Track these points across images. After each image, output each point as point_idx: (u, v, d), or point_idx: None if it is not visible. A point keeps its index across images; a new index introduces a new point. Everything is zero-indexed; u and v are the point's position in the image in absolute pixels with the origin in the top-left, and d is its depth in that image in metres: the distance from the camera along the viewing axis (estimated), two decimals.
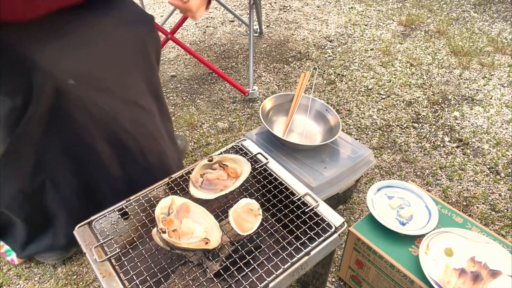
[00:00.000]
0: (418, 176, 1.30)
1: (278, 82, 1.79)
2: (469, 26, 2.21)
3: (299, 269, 0.68)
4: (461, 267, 0.75)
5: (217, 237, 0.71)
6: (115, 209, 0.77)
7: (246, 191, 0.83)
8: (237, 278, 0.65)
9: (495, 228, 1.13)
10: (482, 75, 1.80)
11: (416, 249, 0.81)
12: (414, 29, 2.20)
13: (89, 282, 1.01)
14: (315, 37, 2.15)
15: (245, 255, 0.70)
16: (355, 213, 1.18)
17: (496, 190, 1.25)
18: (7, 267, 1.05)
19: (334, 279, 1.01)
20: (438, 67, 1.87)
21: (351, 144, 1.13)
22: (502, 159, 1.36)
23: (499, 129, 1.50)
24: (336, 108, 1.62)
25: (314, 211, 0.75)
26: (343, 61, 1.93)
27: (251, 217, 0.74)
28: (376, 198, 0.91)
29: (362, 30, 2.21)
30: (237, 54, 2.03)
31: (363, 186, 1.27)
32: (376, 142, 1.44)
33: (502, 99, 1.65)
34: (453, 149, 1.41)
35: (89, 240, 0.71)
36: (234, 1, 2.62)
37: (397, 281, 0.81)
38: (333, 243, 0.72)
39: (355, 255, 0.89)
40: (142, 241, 0.76)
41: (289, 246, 0.70)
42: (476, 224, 0.86)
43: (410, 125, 1.52)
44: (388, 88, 1.73)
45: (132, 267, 0.67)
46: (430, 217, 0.86)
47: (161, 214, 0.70)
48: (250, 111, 1.61)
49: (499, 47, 1.99)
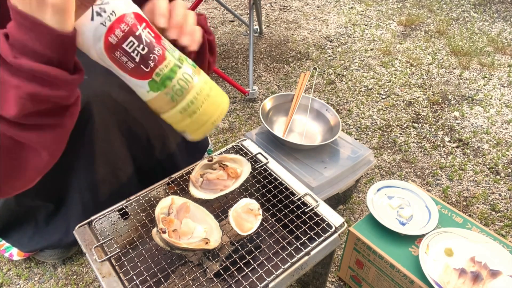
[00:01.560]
0: (418, 176, 1.30)
1: (278, 82, 1.79)
2: (469, 26, 2.21)
3: (299, 269, 0.68)
4: (461, 267, 0.75)
5: (217, 237, 0.71)
6: (115, 209, 0.77)
7: (246, 191, 0.83)
8: (237, 278, 0.65)
9: (495, 228, 1.13)
10: (482, 75, 1.80)
11: (416, 249, 0.81)
12: (414, 29, 2.20)
13: (89, 282, 1.01)
14: (315, 37, 2.15)
15: (245, 255, 0.70)
16: (355, 213, 1.18)
17: (496, 190, 1.25)
18: (7, 267, 1.05)
19: (334, 279, 1.01)
20: (438, 67, 1.87)
21: (351, 144, 1.13)
22: (502, 159, 1.36)
23: (499, 129, 1.50)
24: (336, 108, 1.62)
25: (314, 211, 0.75)
26: (343, 61, 1.93)
27: (251, 217, 0.74)
28: (376, 198, 0.91)
29: (362, 30, 2.21)
30: (237, 54, 2.03)
31: (363, 186, 1.27)
32: (376, 142, 1.44)
33: (502, 99, 1.65)
34: (453, 149, 1.41)
35: (89, 240, 0.71)
36: (234, 1, 2.62)
37: (397, 281, 0.81)
38: (333, 243, 0.72)
39: (355, 255, 0.89)
40: (142, 241, 0.76)
41: (289, 246, 0.70)
42: (476, 224, 0.86)
43: (410, 125, 1.52)
44: (388, 88, 1.73)
45: (132, 267, 0.67)
46: (430, 217, 0.86)
47: (161, 214, 0.70)
48: (250, 111, 1.61)
49: (499, 47, 1.99)
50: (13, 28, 0.46)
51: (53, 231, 0.95)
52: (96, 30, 0.48)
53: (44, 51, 0.46)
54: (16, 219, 0.95)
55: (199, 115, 0.56)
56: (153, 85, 0.53)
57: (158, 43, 0.53)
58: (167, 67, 0.53)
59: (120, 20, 0.49)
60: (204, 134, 0.60)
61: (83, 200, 0.89)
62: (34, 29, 0.45)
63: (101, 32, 0.48)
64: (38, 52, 0.46)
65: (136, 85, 0.54)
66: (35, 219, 0.95)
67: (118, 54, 0.50)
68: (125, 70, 0.52)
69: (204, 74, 0.59)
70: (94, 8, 0.48)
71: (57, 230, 0.95)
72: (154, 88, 0.53)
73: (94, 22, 0.48)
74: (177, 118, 0.56)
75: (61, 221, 0.94)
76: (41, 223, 0.95)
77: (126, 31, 0.49)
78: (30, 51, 0.46)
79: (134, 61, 0.51)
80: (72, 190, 0.89)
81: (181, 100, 0.54)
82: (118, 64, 0.51)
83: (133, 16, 0.50)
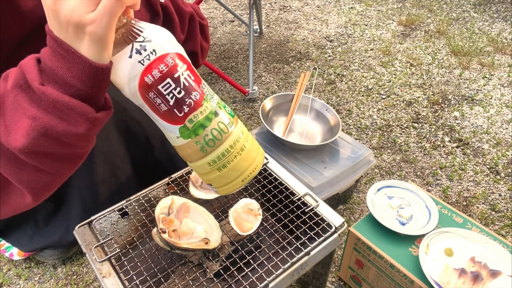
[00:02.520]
0: (418, 176, 1.30)
1: (278, 82, 1.79)
2: (469, 26, 2.21)
3: (299, 269, 0.68)
4: (461, 267, 0.75)
5: (217, 237, 0.71)
6: (115, 209, 0.77)
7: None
8: (237, 278, 0.65)
9: (495, 228, 1.13)
10: (482, 75, 1.80)
11: (416, 249, 0.81)
12: (414, 29, 2.20)
13: (89, 282, 1.01)
14: (315, 37, 2.15)
15: (245, 255, 0.70)
16: (355, 213, 1.18)
17: (496, 190, 1.25)
18: (7, 267, 1.05)
19: (334, 279, 1.01)
20: (438, 67, 1.87)
21: (351, 144, 1.13)
22: (502, 159, 1.36)
23: (499, 129, 1.50)
24: (336, 108, 1.62)
25: (314, 211, 0.75)
26: (343, 61, 1.93)
27: (251, 217, 0.74)
28: (376, 198, 0.91)
29: (362, 30, 2.21)
30: (237, 54, 2.03)
31: (363, 186, 1.27)
32: (376, 142, 1.44)
33: (502, 99, 1.65)
34: (453, 149, 1.41)
35: (89, 240, 0.71)
36: (234, 1, 2.62)
37: (397, 281, 0.81)
38: (333, 243, 0.72)
39: (355, 255, 0.89)
40: (142, 241, 0.76)
41: (289, 246, 0.70)
42: (476, 224, 0.86)
43: (410, 125, 1.52)
44: (388, 88, 1.73)
45: (132, 267, 0.67)
46: (430, 217, 0.86)
47: (161, 214, 0.70)
48: (250, 111, 1.61)
49: (499, 47, 1.99)
50: (46, 53, 0.44)
51: (53, 231, 0.95)
52: (133, 67, 0.45)
53: (74, 82, 0.43)
54: (16, 218, 0.95)
55: (228, 169, 0.51)
56: (184, 131, 0.49)
57: (197, 88, 0.49)
58: (202, 114, 0.48)
59: (160, 60, 0.45)
60: (231, 191, 0.55)
61: (83, 199, 0.89)
62: (68, 57, 0.42)
63: (138, 71, 0.45)
64: (67, 81, 0.43)
65: (166, 128, 0.50)
66: (35, 218, 0.95)
67: (152, 95, 0.47)
68: (157, 112, 0.48)
69: (241, 124, 0.54)
70: (134, 45, 0.45)
71: (58, 229, 0.95)
72: (184, 135, 0.49)
73: (132, 60, 0.45)
74: (204, 170, 0.52)
75: (61, 220, 0.94)
76: (41, 222, 0.95)
77: (164, 72, 0.46)
78: (59, 79, 0.43)
79: (168, 104, 0.47)
80: (71, 189, 0.89)
81: (211, 151, 0.50)
82: (151, 105, 0.48)
83: (174, 57, 0.47)
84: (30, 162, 0.47)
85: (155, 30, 0.47)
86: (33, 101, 0.44)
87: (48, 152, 0.47)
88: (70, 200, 0.90)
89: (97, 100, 0.47)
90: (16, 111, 0.44)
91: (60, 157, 0.49)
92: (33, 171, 0.48)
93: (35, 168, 0.48)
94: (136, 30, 0.46)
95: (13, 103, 0.44)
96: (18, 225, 0.96)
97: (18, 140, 0.44)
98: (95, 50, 0.42)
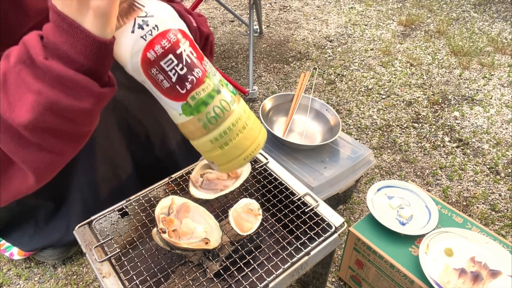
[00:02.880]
0: (418, 176, 1.30)
1: (278, 82, 1.79)
2: (469, 26, 2.21)
3: (299, 269, 0.68)
4: (461, 267, 0.75)
5: (217, 237, 0.71)
6: (115, 209, 0.77)
7: (246, 191, 0.83)
8: (237, 278, 0.65)
9: (495, 228, 1.13)
10: (482, 75, 1.80)
11: (416, 249, 0.81)
12: (414, 29, 2.20)
13: (89, 282, 1.01)
14: (315, 37, 2.15)
15: (245, 255, 0.70)
16: (355, 213, 1.18)
17: (496, 190, 1.25)
18: (7, 267, 1.05)
19: (334, 279, 1.01)
20: (438, 67, 1.87)
21: (351, 144, 1.13)
22: (502, 159, 1.36)
23: (499, 129, 1.50)
24: (336, 108, 1.62)
25: (314, 211, 0.75)
26: (343, 61, 1.93)
27: (251, 217, 0.74)
28: (376, 198, 0.91)
29: (362, 30, 2.21)
30: (237, 54, 2.03)
31: (363, 186, 1.27)
32: (376, 142, 1.44)
33: (502, 99, 1.65)
34: (453, 149, 1.41)
35: (89, 240, 0.71)
36: (234, 1, 2.62)
37: (397, 281, 0.81)
38: (333, 243, 0.72)
39: (355, 255, 0.89)
40: (142, 241, 0.76)
41: (289, 246, 0.70)
42: (476, 224, 0.86)
43: (410, 125, 1.52)
44: (388, 88, 1.73)
45: (132, 267, 0.67)
46: (430, 217, 0.86)
47: (161, 214, 0.70)
48: None
49: (499, 47, 1.99)
50: (50, 29, 0.43)
51: (53, 230, 0.95)
52: (135, 43, 0.45)
53: (78, 57, 0.43)
54: (16, 218, 0.95)
55: (230, 147, 0.51)
56: (187, 108, 0.49)
57: (199, 65, 0.48)
58: (204, 91, 0.48)
59: (162, 36, 0.45)
60: (233, 169, 0.55)
61: (83, 198, 0.89)
62: (71, 31, 0.42)
63: (140, 46, 0.45)
64: (71, 56, 0.43)
65: (168, 105, 0.50)
66: (35, 218, 0.95)
67: (154, 71, 0.46)
68: (159, 88, 0.48)
69: (243, 102, 0.54)
70: (136, 19, 0.45)
71: (58, 228, 0.95)
72: (187, 112, 0.49)
73: (134, 35, 0.45)
74: (206, 148, 0.52)
75: (61, 220, 0.94)
76: (42, 222, 0.95)
77: (166, 48, 0.45)
78: (63, 54, 0.43)
79: (170, 80, 0.47)
80: (72, 188, 0.89)
81: (214, 128, 0.50)
82: (153, 82, 0.48)
83: (176, 33, 0.47)
84: (34, 139, 0.46)
85: (157, 5, 0.47)
86: (37, 76, 0.43)
87: (52, 129, 0.46)
88: (71, 199, 0.90)
89: (101, 76, 0.47)
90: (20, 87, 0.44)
91: (63, 135, 0.49)
92: (36, 150, 0.48)
93: (38, 146, 0.48)
94: (138, 5, 0.46)
95: (16, 79, 0.44)
96: (19, 224, 0.96)
97: (22, 116, 0.44)
98: (99, 24, 0.42)
